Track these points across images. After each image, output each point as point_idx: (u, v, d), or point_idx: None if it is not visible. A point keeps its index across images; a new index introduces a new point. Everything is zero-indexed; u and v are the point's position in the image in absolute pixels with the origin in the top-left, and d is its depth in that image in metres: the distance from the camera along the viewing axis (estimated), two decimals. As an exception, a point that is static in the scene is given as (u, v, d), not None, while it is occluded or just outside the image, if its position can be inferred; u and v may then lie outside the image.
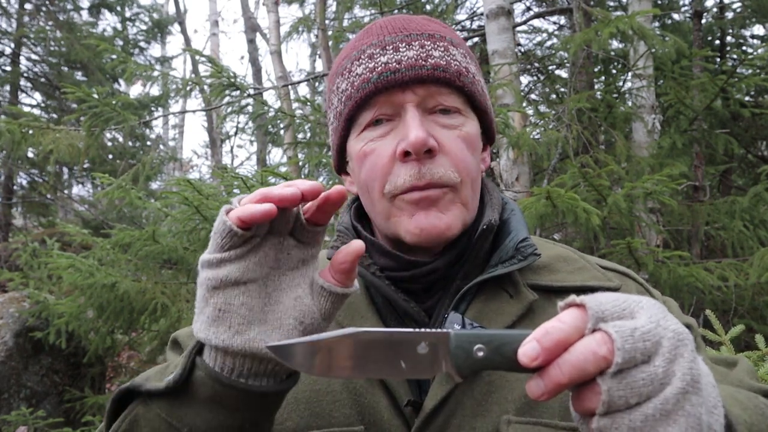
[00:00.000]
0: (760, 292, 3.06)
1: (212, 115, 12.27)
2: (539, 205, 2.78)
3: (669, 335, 0.54)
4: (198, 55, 4.79)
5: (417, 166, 0.84)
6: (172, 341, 1.02)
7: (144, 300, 3.72)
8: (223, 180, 4.20)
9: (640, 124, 4.12)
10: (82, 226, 5.65)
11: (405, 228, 0.87)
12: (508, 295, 0.89)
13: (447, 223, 0.86)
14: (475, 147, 0.90)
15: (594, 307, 0.55)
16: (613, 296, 0.58)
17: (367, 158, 0.89)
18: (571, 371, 0.53)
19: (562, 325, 0.55)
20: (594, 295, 0.58)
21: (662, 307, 0.58)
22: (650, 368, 0.53)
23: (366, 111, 0.89)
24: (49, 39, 9.24)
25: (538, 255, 0.90)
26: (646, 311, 0.56)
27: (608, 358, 0.53)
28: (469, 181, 0.88)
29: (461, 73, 0.88)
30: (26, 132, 4.44)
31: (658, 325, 0.55)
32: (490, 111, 0.96)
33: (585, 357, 0.53)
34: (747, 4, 5.50)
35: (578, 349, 0.54)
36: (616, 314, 0.56)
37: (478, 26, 6.04)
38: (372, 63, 0.87)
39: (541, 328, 0.56)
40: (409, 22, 0.92)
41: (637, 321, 0.55)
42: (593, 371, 0.53)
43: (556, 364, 0.54)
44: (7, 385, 4.60)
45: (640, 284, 0.96)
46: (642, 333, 0.53)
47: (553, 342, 0.54)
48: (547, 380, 0.55)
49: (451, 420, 0.81)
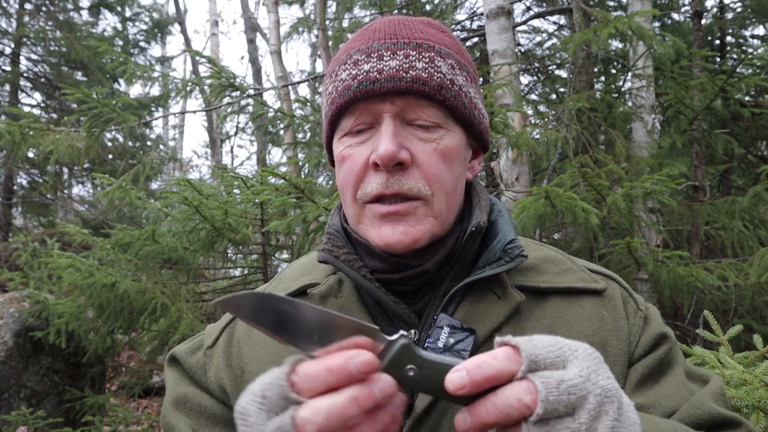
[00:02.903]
0: (760, 292, 3.05)
1: (212, 115, 12.28)
2: (538, 205, 2.78)
3: (597, 391, 0.56)
4: (198, 56, 4.79)
5: (386, 176, 0.85)
6: (170, 359, 1.01)
7: (144, 300, 3.72)
8: (223, 180, 4.21)
9: (639, 124, 4.12)
10: (82, 226, 5.64)
11: (371, 237, 0.88)
12: (495, 296, 0.89)
13: (414, 238, 0.86)
14: (452, 160, 0.89)
15: (528, 350, 0.57)
16: (549, 341, 0.59)
17: (344, 162, 0.90)
18: (497, 414, 0.56)
19: (494, 362, 0.57)
20: (530, 339, 0.59)
21: (597, 359, 0.59)
22: (574, 423, 0.55)
23: (347, 117, 0.90)
24: (49, 39, 9.25)
25: (525, 256, 0.90)
26: (578, 362, 0.58)
27: (531, 407, 0.55)
28: (442, 194, 0.87)
29: (443, 86, 0.87)
30: (26, 133, 4.44)
31: (587, 379, 0.56)
32: (479, 122, 0.95)
33: (510, 403, 0.55)
34: (747, 4, 5.51)
35: (505, 393, 0.56)
36: (548, 361, 0.57)
37: (478, 26, 6.04)
38: (355, 70, 0.87)
39: (473, 360, 0.58)
40: (403, 27, 0.91)
41: (566, 372, 0.57)
42: (517, 417, 0.55)
43: (482, 405, 0.57)
44: (7, 385, 4.60)
45: (624, 288, 0.97)
46: (568, 386, 0.55)
47: (482, 377, 0.56)
48: (474, 418, 0.57)
49: (442, 420, 0.82)
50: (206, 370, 0.96)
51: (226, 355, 0.96)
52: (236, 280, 4.69)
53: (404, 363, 0.61)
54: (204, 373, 0.96)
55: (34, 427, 4.18)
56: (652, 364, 0.87)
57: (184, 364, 0.99)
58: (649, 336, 0.90)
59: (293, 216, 3.36)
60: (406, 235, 0.85)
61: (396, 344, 0.62)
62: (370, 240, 0.89)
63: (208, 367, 0.96)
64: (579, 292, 0.92)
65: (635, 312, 0.93)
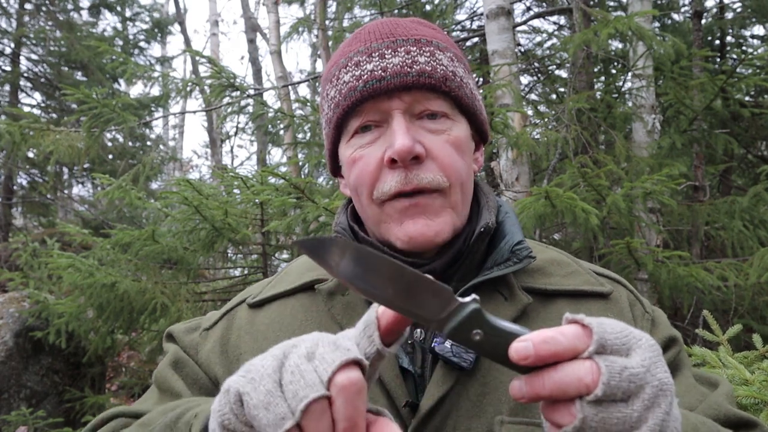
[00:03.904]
0: (760, 292, 3.06)
1: (212, 116, 12.28)
2: (538, 205, 2.78)
3: (654, 383, 0.57)
4: (198, 56, 4.79)
5: (404, 172, 0.85)
6: (167, 335, 1.02)
7: (144, 300, 3.72)
8: (223, 180, 4.21)
9: (639, 124, 4.11)
10: (82, 226, 5.64)
11: (395, 235, 0.88)
12: (503, 297, 0.89)
13: (436, 230, 0.87)
14: (464, 150, 0.91)
15: (598, 333, 0.58)
16: (618, 327, 0.60)
17: (356, 164, 0.90)
18: (553, 389, 0.56)
19: (562, 338, 0.57)
20: (601, 321, 0.59)
21: (658, 351, 0.60)
22: (627, 409, 0.56)
23: (354, 118, 0.90)
24: (49, 39, 9.24)
25: (533, 258, 0.90)
26: (642, 352, 0.58)
27: (591, 387, 0.55)
28: (458, 184, 0.88)
29: (447, 77, 0.88)
30: (26, 133, 4.44)
31: (648, 370, 0.57)
32: (480, 112, 0.96)
33: (570, 380, 0.56)
34: (747, 4, 5.51)
35: (566, 371, 0.56)
36: (615, 347, 0.58)
37: (478, 26, 6.04)
38: (358, 71, 0.87)
39: (540, 333, 0.58)
40: (397, 26, 0.92)
41: (630, 360, 0.57)
42: (573, 394, 0.56)
43: (541, 377, 0.57)
44: (7, 385, 4.60)
45: (630, 291, 0.97)
46: (630, 374, 0.56)
47: (548, 352, 0.57)
48: (529, 387, 0.58)
49: (447, 420, 0.82)
50: (198, 351, 0.97)
51: (222, 341, 0.96)
52: (236, 280, 4.69)
53: (472, 327, 0.61)
54: (196, 353, 0.97)
55: (34, 427, 4.18)
56: None
57: (179, 341, 1.00)
58: (657, 339, 0.89)
59: (293, 216, 3.36)
60: (428, 228, 0.86)
61: (467, 307, 0.62)
62: (392, 240, 0.89)
63: (200, 348, 0.97)
64: (585, 295, 0.92)
65: (642, 315, 0.93)
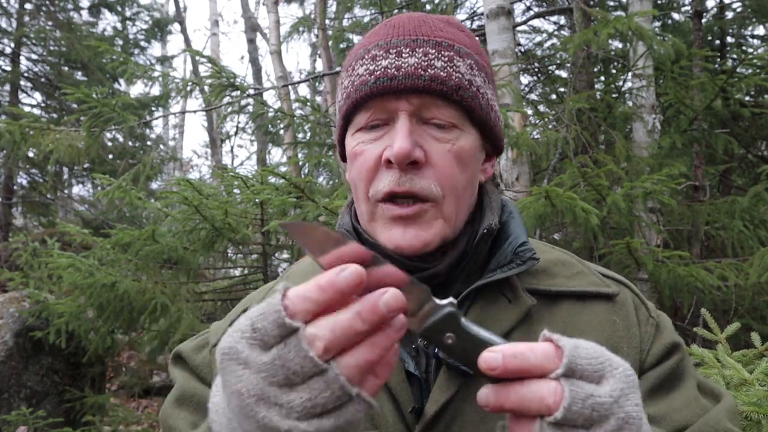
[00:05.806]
0: (760, 292, 3.05)
1: (212, 115, 12.28)
2: (538, 205, 2.78)
3: (621, 415, 0.57)
4: (198, 56, 4.80)
5: (398, 173, 0.84)
6: (175, 357, 0.99)
7: (144, 300, 3.72)
8: (223, 180, 4.21)
9: (639, 124, 4.12)
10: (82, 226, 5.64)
11: (382, 237, 0.87)
12: (506, 299, 0.88)
13: (425, 241, 0.85)
14: (466, 162, 0.88)
15: (569, 356, 0.57)
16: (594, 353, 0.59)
17: (357, 158, 0.89)
18: (516, 403, 0.57)
19: (531, 355, 0.57)
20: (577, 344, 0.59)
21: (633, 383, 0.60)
22: None
23: (362, 112, 0.89)
24: (49, 39, 9.24)
25: (536, 259, 0.89)
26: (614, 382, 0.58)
27: (551, 409, 0.55)
28: (453, 196, 0.86)
29: (461, 86, 0.86)
30: (26, 133, 4.44)
31: (616, 401, 0.57)
32: (495, 124, 0.93)
33: (532, 398, 0.56)
34: (747, 4, 5.51)
35: (531, 388, 0.57)
36: (586, 373, 0.58)
37: (478, 26, 6.03)
38: (373, 65, 0.86)
39: (511, 347, 0.58)
40: (422, 24, 0.89)
41: (600, 388, 0.57)
42: (535, 412, 0.56)
43: (507, 389, 0.57)
44: (7, 385, 4.60)
45: (635, 294, 0.95)
46: (594, 402, 0.56)
47: (515, 366, 0.57)
48: (495, 397, 0.58)
49: (451, 426, 0.81)
50: (212, 368, 0.94)
51: None
52: (236, 280, 4.70)
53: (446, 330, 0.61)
54: (210, 371, 0.94)
55: (34, 427, 4.18)
56: (663, 374, 0.86)
57: (190, 362, 0.97)
58: (660, 345, 0.88)
59: (293, 216, 3.36)
60: (417, 239, 0.85)
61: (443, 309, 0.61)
62: (380, 241, 0.87)
63: (214, 366, 0.94)
64: (591, 296, 0.90)
65: (647, 319, 0.91)
